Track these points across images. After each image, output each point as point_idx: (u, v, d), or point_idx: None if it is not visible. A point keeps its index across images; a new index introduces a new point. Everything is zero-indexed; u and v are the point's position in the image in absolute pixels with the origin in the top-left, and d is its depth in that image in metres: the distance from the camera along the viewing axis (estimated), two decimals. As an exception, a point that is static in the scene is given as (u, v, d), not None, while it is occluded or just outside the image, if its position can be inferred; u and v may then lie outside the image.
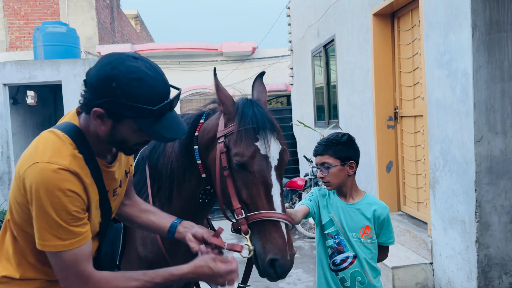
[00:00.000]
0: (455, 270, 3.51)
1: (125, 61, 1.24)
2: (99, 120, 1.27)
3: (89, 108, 1.26)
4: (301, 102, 8.63)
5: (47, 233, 1.23)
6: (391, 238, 2.14)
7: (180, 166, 1.86)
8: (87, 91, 1.27)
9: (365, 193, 2.16)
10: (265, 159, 1.59)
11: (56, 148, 1.27)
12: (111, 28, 15.37)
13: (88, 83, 1.27)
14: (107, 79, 1.22)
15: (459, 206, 3.42)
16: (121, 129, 1.29)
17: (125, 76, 1.21)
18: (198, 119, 1.87)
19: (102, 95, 1.22)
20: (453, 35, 3.40)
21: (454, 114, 3.43)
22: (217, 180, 1.67)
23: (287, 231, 1.55)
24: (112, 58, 1.26)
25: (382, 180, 4.88)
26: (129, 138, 1.32)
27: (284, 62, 13.27)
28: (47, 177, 1.21)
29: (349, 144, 2.10)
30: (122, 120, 1.26)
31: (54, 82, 6.88)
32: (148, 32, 23.81)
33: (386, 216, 2.09)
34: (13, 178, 1.33)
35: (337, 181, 2.07)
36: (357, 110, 5.46)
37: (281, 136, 1.68)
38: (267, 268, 1.52)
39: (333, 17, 6.21)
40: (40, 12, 13.54)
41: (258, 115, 1.63)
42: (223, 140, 1.65)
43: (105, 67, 1.24)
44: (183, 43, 13.55)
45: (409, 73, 4.50)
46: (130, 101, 1.22)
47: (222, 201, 1.69)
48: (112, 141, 1.33)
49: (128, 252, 1.99)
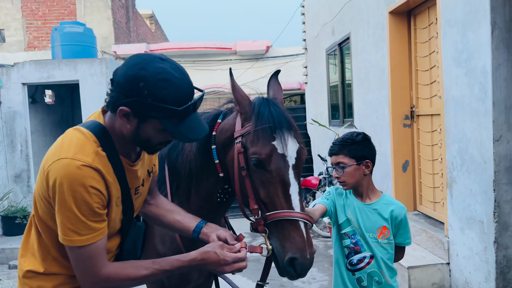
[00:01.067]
0: (473, 271, 3.47)
1: (153, 62, 1.27)
2: (124, 119, 1.30)
3: (115, 106, 1.29)
4: (315, 100, 8.60)
5: (67, 228, 1.27)
6: (408, 239, 2.12)
7: (198, 165, 1.87)
8: (114, 90, 1.30)
9: (382, 193, 2.14)
10: (283, 158, 1.59)
11: (81, 145, 1.30)
12: (126, 28, 15.52)
13: (115, 82, 1.30)
14: (134, 79, 1.25)
15: (477, 206, 3.38)
16: (146, 128, 1.31)
17: (152, 76, 1.25)
18: (215, 118, 1.88)
19: (129, 94, 1.26)
20: (471, 33, 3.35)
21: (472, 112, 3.38)
22: (236, 180, 1.67)
23: (306, 230, 1.55)
24: (140, 59, 1.29)
25: (398, 179, 4.84)
26: (153, 138, 1.34)
27: (298, 61, 13.23)
28: (71, 173, 1.24)
29: (364, 143, 2.08)
30: (147, 119, 1.29)
31: (71, 81, 6.97)
32: (163, 31, 23.98)
33: (404, 216, 2.07)
34: (38, 173, 1.36)
35: (352, 181, 2.06)
36: (373, 108, 5.43)
37: (298, 134, 1.67)
38: (287, 267, 1.52)
39: (348, 15, 6.18)
40: (57, 12, 13.74)
41: (274, 114, 1.63)
42: (240, 140, 1.66)
43: (133, 68, 1.27)
44: (197, 42, 13.61)
45: (425, 71, 4.45)
46: (156, 101, 1.25)
47: (241, 201, 1.70)
48: (136, 140, 1.36)
49: (147, 249, 2.01)
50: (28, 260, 1.43)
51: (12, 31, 13.89)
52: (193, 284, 2.10)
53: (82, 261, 1.31)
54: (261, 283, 1.75)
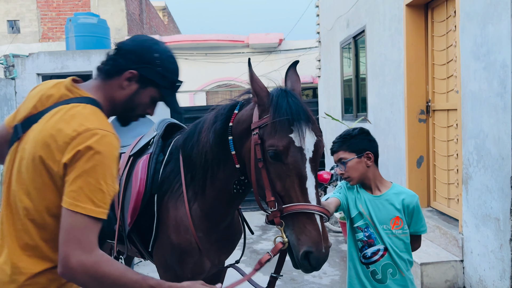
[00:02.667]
0: (487, 269, 3.42)
1: (161, 42, 1.51)
2: (126, 82, 1.42)
3: (119, 71, 1.41)
4: (328, 94, 8.53)
5: (84, 195, 1.21)
6: (423, 227, 2.10)
7: (214, 156, 1.87)
8: (123, 57, 1.43)
9: (392, 183, 2.13)
10: (300, 151, 1.58)
11: (103, 118, 1.36)
12: (139, 20, 15.56)
13: (125, 50, 1.44)
14: (150, 49, 1.44)
15: (493, 203, 3.32)
16: (142, 94, 1.46)
17: (164, 51, 1.47)
18: (232, 109, 1.87)
19: (142, 61, 1.42)
20: (491, 26, 3.28)
21: (490, 108, 3.31)
22: (252, 171, 1.67)
23: (322, 223, 1.54)
24: (149, 37, 1.52)
25: (412, 175, 4.78)
26: (141, 106, 1.49)
27: (311, 54, 13.13)
28: (111, 143, 1.27)
29: (362, 136, 2.09)
30: (148, 86, 1.45)
31: (85, 72, 7.02)
32: (175, 23, 24.00)
33: (416, 204, 2.05)
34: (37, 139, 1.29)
35: (356, 175, 2.04)
36: (387, 103, 5.36)
37: (317, 127, 1.66)
38: (302, 260, 1.51)
39: (363, 8, 6.09)
40: (71, 3, 13.83)
41: (292, 106, 1.61)
42: (257, 131, 1.65)
43: (147, 42, 1.47)
44: (210, 35, 13.60)
45: (442, 65, 4.37)
46: (165, 72, 1.46)
47: (257, 193, 1.69)
48: (125, 106, 1.46)
49: (161, 239, 2.02)
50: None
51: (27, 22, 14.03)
52: (206, 275, 2.11)
53: (82, 231, 1.20)
54: (275, 275, 1.74)
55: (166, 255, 2.02)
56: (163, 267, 2.08)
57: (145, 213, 2.06)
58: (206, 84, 14.11)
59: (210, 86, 14.18)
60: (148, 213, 2.06)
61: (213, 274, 2.19)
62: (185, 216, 1.97)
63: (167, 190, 2.06)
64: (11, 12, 14.00)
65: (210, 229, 1.99)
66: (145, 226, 2.08)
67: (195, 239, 1.95)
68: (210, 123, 1.91)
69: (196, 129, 2.00)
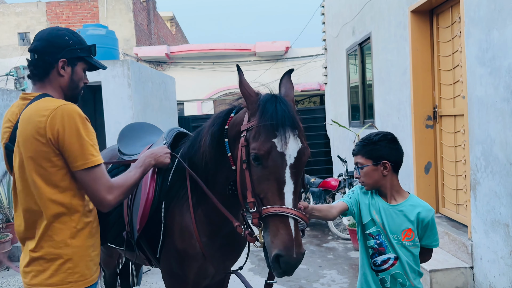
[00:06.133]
0: (497, 275, 3.38)
1: (59, 27, 1.78)
2: (62, 70, 1.70)
3: (50, 66, 1.69)
4: (335, 101, 8.54)
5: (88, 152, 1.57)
6: (436, 241, 2.06)
7: (212, 158, 1.93)
8: (45, 55, 1.68)
9: (409, 194, 2.08)
10: (281, 156, 1.59)
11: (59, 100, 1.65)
12: (147, 30, 15.73)
13: (41, 50, 1.68)
14: (60, 36, 1.72)
15: (501, 208, 3.30)
16: (77, 70, 1.76)
17: (68, 31, 1.76)
18: (229, 113, 1.94)
19: (62, 47, 1.70)
20: (496, 31, 3.28)
21: (497, 113, 3.30)
22: (238, 172, 1.72)
23: (296, 227, 1.54)
24: (48, 29, 1.76)
25: (420, 181, 4.76)
26: (80, 80, 1.78)
27: (318, 61, 13.17)
28: (75, 110, 1.59)
29: (382, 143, 2.04)
30: (76, 62, 1.74)
31: (94, 83, 7.09)
32: (183, 33, 24.21)
33: (431, 219, 2.01)
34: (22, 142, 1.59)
35: (370, 181, 2.03)
36: (394, 109, 5.35)
37: (302, 134, 1.67)
38: (273, 263, 1.53)
39: (369, 15, 6.11)
40: (80, 15, 14.03)
41: (279, 111, 1.63)
42: (244, 134, 1.69)
43: (50, 33, 1.72)
44: (217, 44, 13.70)
45: (448, 71, 4.37)
46: (79, 45, 1.75)
47: (241, 193, 1.73)
48: (71, 87, 1.75)
49: (168, 245, 2.04)
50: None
51: (37, 34, 14.22)
52: (211, 280, 2.12)
53: (100, 177, 1.59)
54: (269, 282, 1.75)
55: (172, 260, 2.05)
56: (168, 271, 2.11)
57: (153, 220, 2.09)
58: (213, 93, 14.19)
59: (218, 94, 14.26)
60: (156, 219, 2.09)
61: (218, 281, 2.21)
62: (190, 222, 2.01)
63: (173, 197, 2.10)
64: (21, 25, 14.25)
65: (213, 234, 2.03)
66: (153, 233, 2.11)
67: (199, 244, 1.97)
68: (208, 127, 1.98)
69: (198, 136, 2.07)
